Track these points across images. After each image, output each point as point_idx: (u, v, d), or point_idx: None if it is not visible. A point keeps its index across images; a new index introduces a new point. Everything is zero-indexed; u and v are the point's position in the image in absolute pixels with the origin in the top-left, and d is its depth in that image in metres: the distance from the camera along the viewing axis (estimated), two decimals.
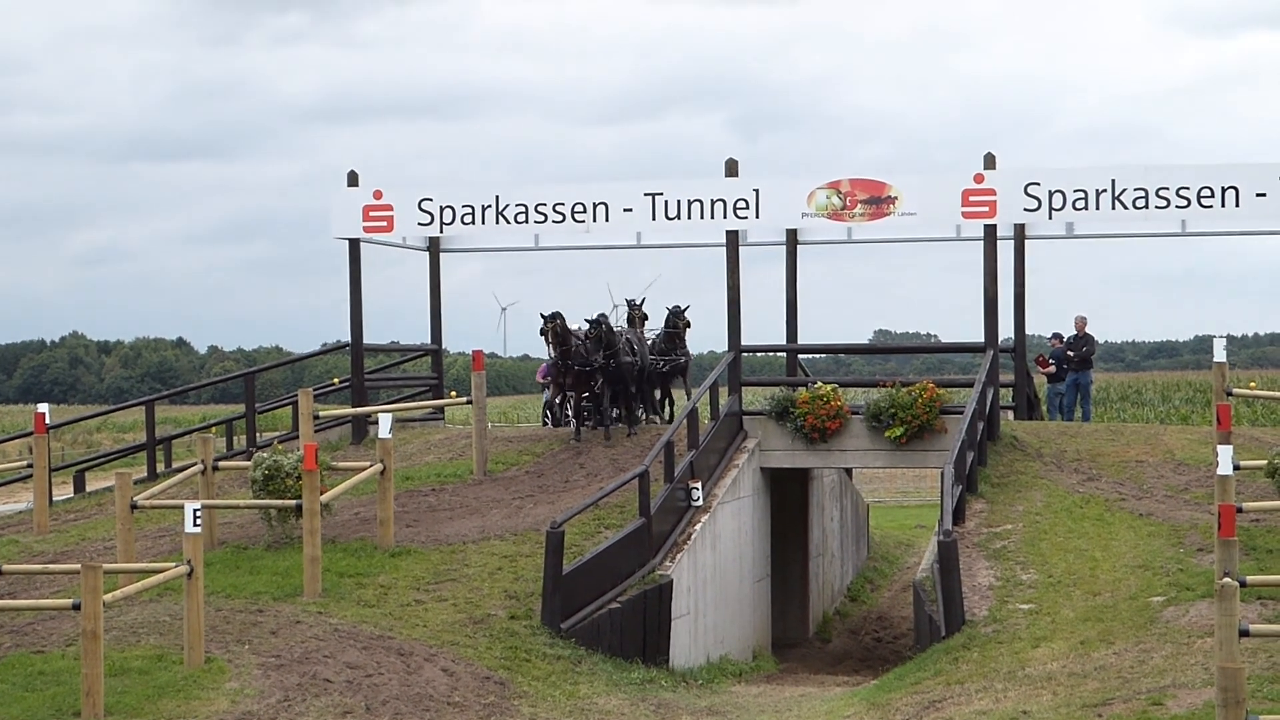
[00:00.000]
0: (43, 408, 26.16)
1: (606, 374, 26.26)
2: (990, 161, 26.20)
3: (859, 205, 26.54)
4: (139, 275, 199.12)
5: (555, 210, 27.74)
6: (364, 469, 21.91)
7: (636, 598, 20.52)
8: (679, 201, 27.22)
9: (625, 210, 27.55)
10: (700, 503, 23.28)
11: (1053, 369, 31.30)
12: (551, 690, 17.29)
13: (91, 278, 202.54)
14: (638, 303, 28.33)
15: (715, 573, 23.37)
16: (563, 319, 25.97)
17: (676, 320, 28.51)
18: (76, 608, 14.86)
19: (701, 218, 27.20)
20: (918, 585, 20.64)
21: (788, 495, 27.93)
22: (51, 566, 18.81)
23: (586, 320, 26.21)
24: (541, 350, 26.78)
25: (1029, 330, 28.58)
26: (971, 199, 26.30)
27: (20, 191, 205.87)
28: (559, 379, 26.50)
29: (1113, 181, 26.06)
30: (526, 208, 27.91)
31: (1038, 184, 26.20)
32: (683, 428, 24.05)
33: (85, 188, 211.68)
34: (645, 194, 27.39)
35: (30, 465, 26.43)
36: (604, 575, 20.25)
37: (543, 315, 25.90)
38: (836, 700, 18.25)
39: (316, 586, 19.37)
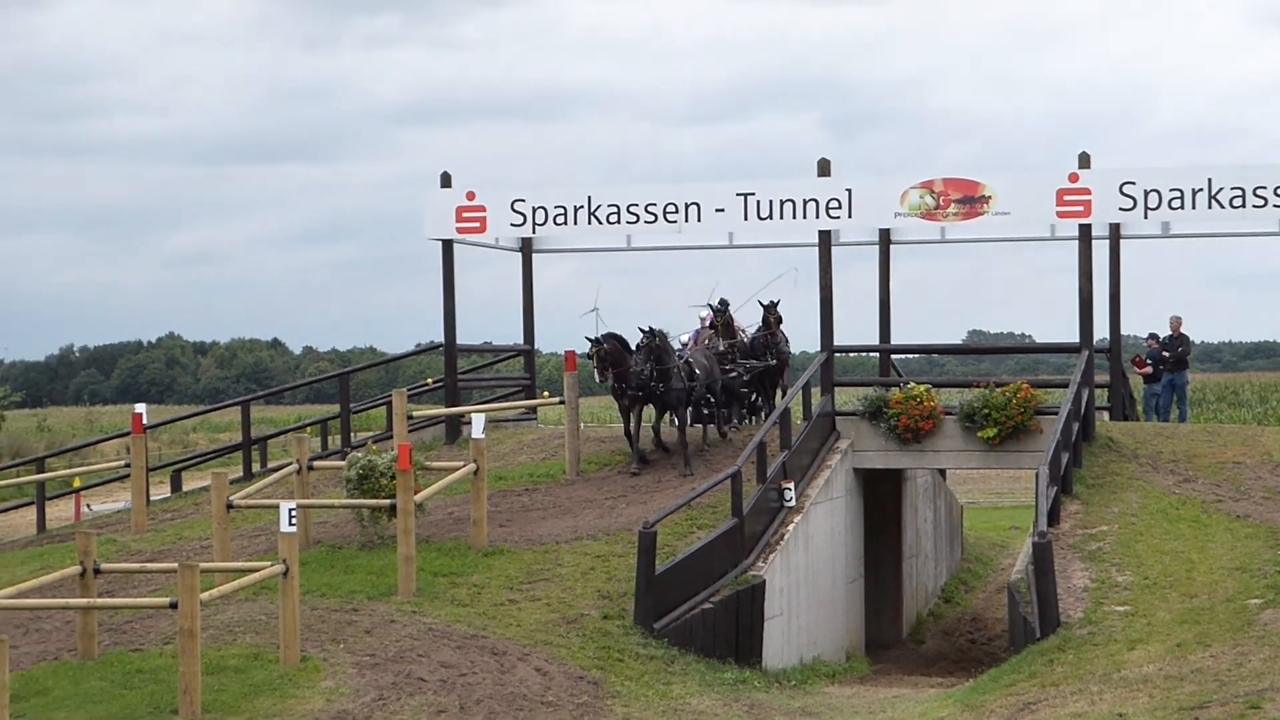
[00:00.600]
0: (140, 408, 26.48)
1: (654, 396, 25.30)
2: (1085, 161, 26.00)
3: (952, 205, 26.40)
4: (234, 276, 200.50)
5: (647, 210, 27.73)
6: (457, 469, 22.00)
7: (729, 598, 20.49)
8: (771, 202, 27.13)
9: (717, 210, 27.49)
10: (793, 503, 23.20)
11: (1149, 369, 31.02)
12: (644, 690, 17.30)
13: (187, 279, 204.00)
14: (729, 309, 27.51)
15: (808, 573, 23.30)
16: (616, 340, 25.12)
17: (768, 316, 28.27)
18: (174, 606, 15.03)
19: (794, 218, 27.10)
20: (1012, 587, 20.51)
21: (881, 496, 27.79)
22: (149, 565, 19.04)
23: (640, 329, 25.17)
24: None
25: (1124, 330, 28.31)
26: (1066, 198, 26.10)
27: (118, 193, 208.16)
28: (620, 400, 25.70)
29: (1209, 180, 25.81)
30: (619, 208, 27.91)
31: (1133, 183, 25.98)
32: (775, 428, 23.98)
33: (181, 190, 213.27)
34: (737, 194, 27.32)
35: (128, 465, 26.75)
36: (697, 575, 20.24)
37: (588, 338, 25.05)
38: (930, 702, 18.15)
39: (410, 586, 19.47)
